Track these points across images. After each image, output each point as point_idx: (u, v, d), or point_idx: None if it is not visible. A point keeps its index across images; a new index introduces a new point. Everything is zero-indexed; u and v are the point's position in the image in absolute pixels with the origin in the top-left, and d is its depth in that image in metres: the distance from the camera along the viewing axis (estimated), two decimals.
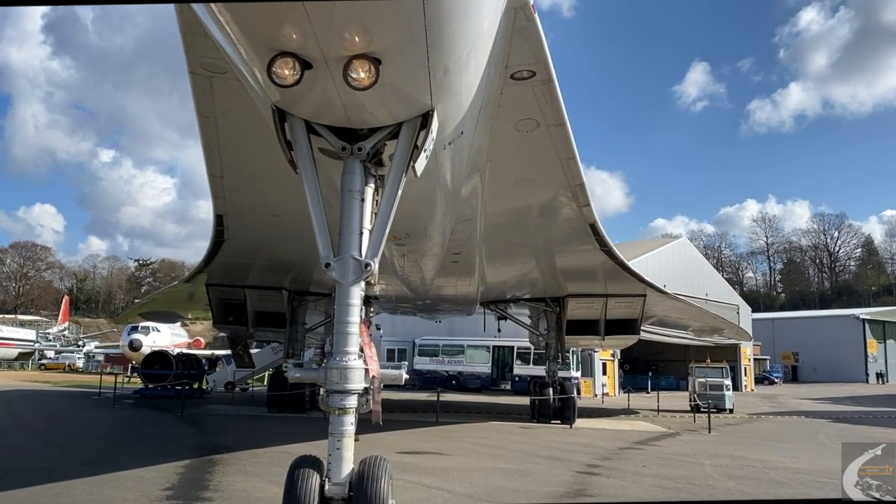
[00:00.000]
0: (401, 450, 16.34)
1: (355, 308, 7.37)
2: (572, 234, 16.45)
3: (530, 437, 20.77)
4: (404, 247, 14.36)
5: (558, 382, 26.42)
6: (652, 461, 16.29)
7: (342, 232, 7.41)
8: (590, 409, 32.17)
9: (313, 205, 7.47)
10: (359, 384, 7.27)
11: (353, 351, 7.30)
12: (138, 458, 14.12)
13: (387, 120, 7.17)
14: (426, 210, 11.55)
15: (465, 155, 9.97)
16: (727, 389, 34.87)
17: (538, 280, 23.93)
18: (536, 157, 11.72)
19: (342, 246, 7.39)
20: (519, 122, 10.21)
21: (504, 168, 11.95)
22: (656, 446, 19.90)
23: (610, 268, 20.55)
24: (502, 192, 13.28)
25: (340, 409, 7.25)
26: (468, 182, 11.54)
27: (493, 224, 15.44)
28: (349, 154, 7.33)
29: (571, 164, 11.80)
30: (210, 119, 10.42)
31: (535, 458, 16.12)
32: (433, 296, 24.77)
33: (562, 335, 26.53)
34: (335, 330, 7.40)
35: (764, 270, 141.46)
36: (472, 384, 47.79)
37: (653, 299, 25.91)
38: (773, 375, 77.15)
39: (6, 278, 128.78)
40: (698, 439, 22.23)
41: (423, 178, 10.01)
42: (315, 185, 7.46)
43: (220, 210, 15.43)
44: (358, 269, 7.28)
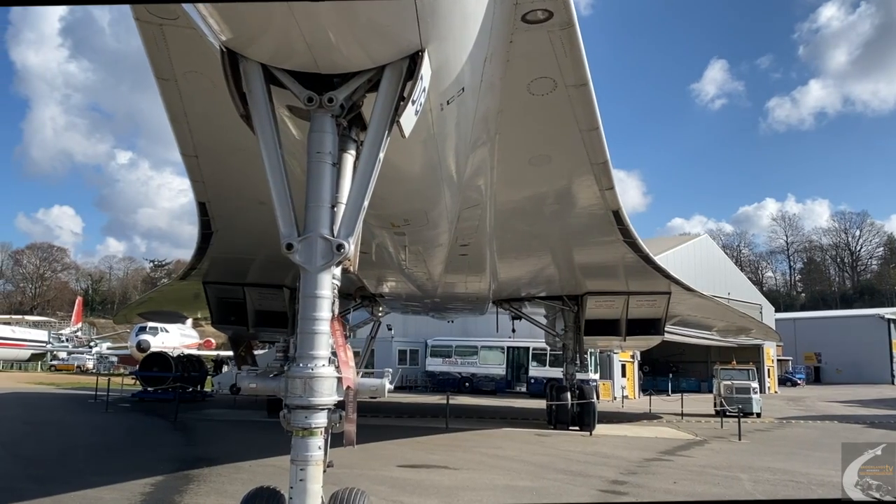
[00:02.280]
0: (403, 462, 14.80)
1: (324, 301, 5.86)
2: (592, 222, 14.73)
3: (547, 447, 19.13)
4: (404, 237, 12.76)
5: (577, 386, 24.79)
6: (683, 476, 14.63)
7: (308, 205, 5.91)
8: (610, 413, 30.50)
9: (272, 170, 5.98)
10: (328, 397, 5.79)
11: (321, 355, 5.81)
12: (105, 473, 12.61)
13: (364, 62, 5.68)
14: (425, 190, 9.96)
15: (469, 121, 8.39)
16: (754, 392, 33.27)
17: (554, 276, 22.26)
18: (553, 127, 10.04)
19: (308, 222, 5.90)
20: (533, 82, 8.56)
21: (515, 142, 10.28)
22: (685, 457, 18.23)
23: (633, 262, 18.86)
24: (513, 173, 11.61)
25: (305, 430, 5.76)
26: (473, 158, 9.93)
27: (504, 211, 13.78)
28: (317, 107, 5.83)
29: (594, 138, 10.12)
30: (171, 83, 8.88)
31: (552, 473, 14.45)
32: (442, 294, 23.16)
33: (580, 336, 24.93)
34: (299, 328, 5.89)
35: (784, 270, 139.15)
36: (486, 386, 46.35)
37: (677, 298, 24.26)
38: (796, 377, 75.41)
39: (23, 279, 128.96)
40: (729, 448, 20.58)
41: (418, 147, 8.45)
42: (274, 145, 5.97)
43: (202, 197, 13.89)
44: (328, 251, 5.79)
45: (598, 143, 10.27)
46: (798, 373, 78.02)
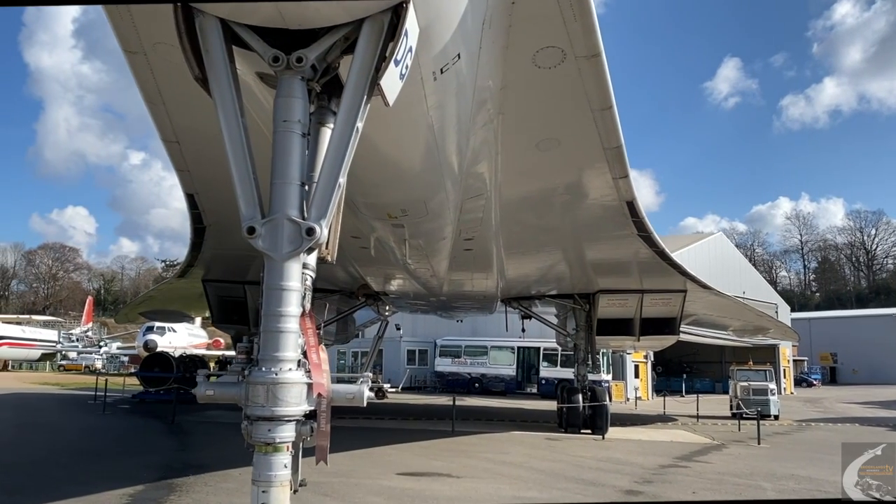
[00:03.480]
0: (404, 469, 13.93)
1: (292, 294, 5.07)
2: (605, 214, 13.79)
3: (557, 452, 18.22)
4: (403, 229, 11.91)
5: (588, 387, 23.85)
6: (702, 485, 13.69)
7: (274, 181, 5.11)
8: (622, 415, 29.53)
9: (231, 140, 5.19)
10: (296, 407, 5.00)
11: (287, 357, 5.01)
12: (82, 482, 11.81)
13: (338, 16, 4.91)
14: (423, 177, 9.12)
15: (468, 96, 7.54)
16: (772, 394, 32.24)
17: (565, 273, 21.35)
18: (562, 106, 9.14)
19: (274, 202, 5.09)
20: (538, 52, 7.67)
21: (521, 123, 9.40)
22: (703, 462, 17.29)
23: (647, 258, 17.94)
24: (519, 158, 10.71)
25: (268, 445, 4.94)
26: (475, 141, 9.07)
27: (510, 202, 12.88)
28: (284, 68, 5.01)
29: (607, 118, 9.21)
30: (139, 56, 8.04)
31: (562, 482, 13.54)
32: (449, 292, 22.31)
33: (592, 336, 24.02)
34: (262, 326, 5.08)
35: (798, 269, 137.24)
36: (495, 387, 45.46)
37: (693, 296, 23.33)
38: (812, 377, 74.27)
39: (36, 279, 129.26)
40: (748, 453, 19.63)
41: (411, 124, 7.59)
42: (235, 112, 5.19)
43: (189, 188, 13.06)
44: (296, 235, 4.99)
45: (611, 124, 9.36)
46: (814, 373, 77.00)
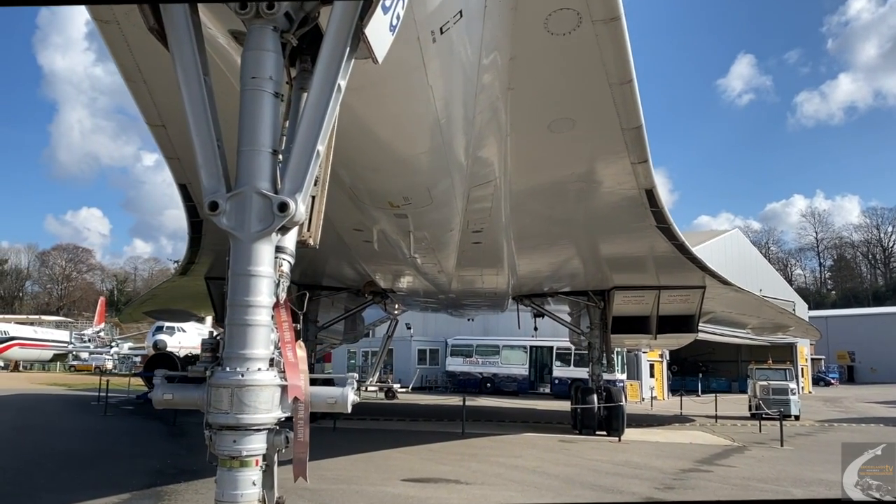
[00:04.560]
0: (409, 475, 13.18)
1: (262, 281, 4.31)
2: (622, 204, 12.92)
3: (572, 456, 17.40)
4: (407, 220, 11.14)
5: (603, 387, 23.02)
6: (726, 491, 12.88)
7: (241, 149, 4.35)
8: (638, 416, 28.68)
9: (191, 101, 4.44)
10: (266, 413, 4.23)
11: (256, 355, 4.26)
12: (66, 489, 11.10)
13: None
14: (424, 158, 8.36)
15: (472, 63, 6.76)
16: (793, 393, 31.35)
17: (578, 268, 20.49)
18: (577, 79, 8.32)
19: (241, 173, 4.34)
20: (551, 15, 6.88)
21: (532, 99, 8.58)
22: (725, 466, 16.46)
23: (666, 253, 17.04)
24: (530, 141, 9.90)
25: (233, 459, 4.19)
26: (481, 118, 8.29)
27: (520, 191, 12.04)
28: (253, 15, 4.25)
29: (626, 94, 8.39)
30: (112, 25, 7.31)
31: (578, 489, 12.70)
32: (458, 289, 21.52)
33: (607, 334, 23.18)
34: (228, 319, 4.31)
35: (813, 267, 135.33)
36: (508, 387, 44.64)
37: (712, 292, 22.43)
38: (829, 376, 73.12)
39: (49, 280, 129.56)
40: (772, 456, 18.79)
41: (409, 94, 6.85)
42: (195, 68, 4.45)
43: (181, 178, 12.29)
44: (266, 211, 4.23)
45: (631, 100, 8.54)
46: (831, 372, 75.86)
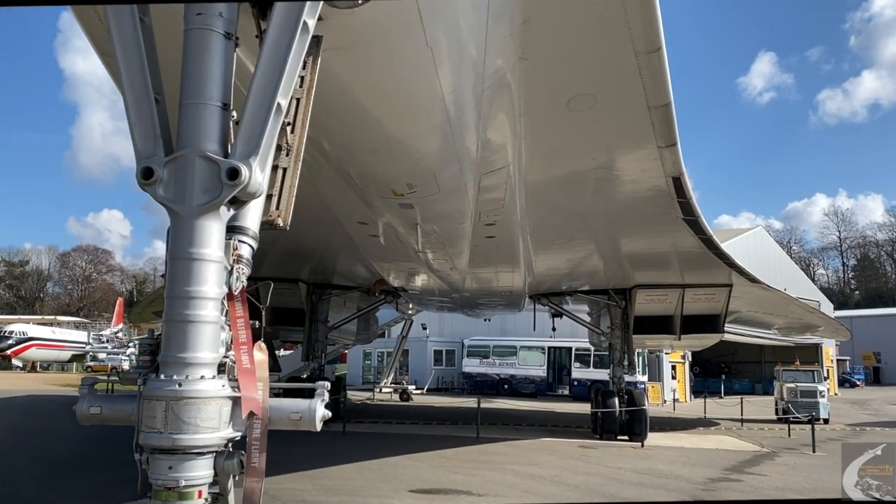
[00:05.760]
0: (419, 485, 12.32)
1: (209, 267, 3.46)
2: (646, 193, 11.90)
3: (592, 463, 16.45)
4: (413, 210, 10.29)
5: (625, 390, 22.05)
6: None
7: (183, 102, 3.49)
8: (661, 419, 27.66)
9: (123, 48, 3.58)
10: (212, 432, 3.36)
11: (199, 359, 3.41)
12: (47, 500, 10.38)
13: None
14: (426, 137, 7.51)
15: (479, 22, 5.89)
16: (821, 396, 30.20)
17: (598, 266, 19.53)
18: (599, 49, 7.36)
19: (182, 132, 3.47)
20: None
21: (547, 72, 7.65)
22: (756, 475, 15.46)
23: (692, 248, 16.05)
24: (547, 121, 8.97)
25: (170, 490, 3.35)
26: (491, 93, 7.41)
27: (535, 179, 11.11)
28: None
29: (654, 64, 7.44)
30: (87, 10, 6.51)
31: (600, 500, 11.84)
32: (472, 288, 20.63)
33: (628, 334, 22.22)
34: (165, 314, 3.47)
35: (836, 267, 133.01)
36: (525, 388, 43.72)
37: (738, 290, 21.42)
38: (854, 377, 71.66)
39: (70, 281, 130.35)
40: (805, 463, 17.75)
41: (405, 58, 6.00)
42: (130, 9, 3.59)
43: None
44: (213, 179, 3.38)
45: (659, 73, 7.58)
46: (857, 373, 74.37)
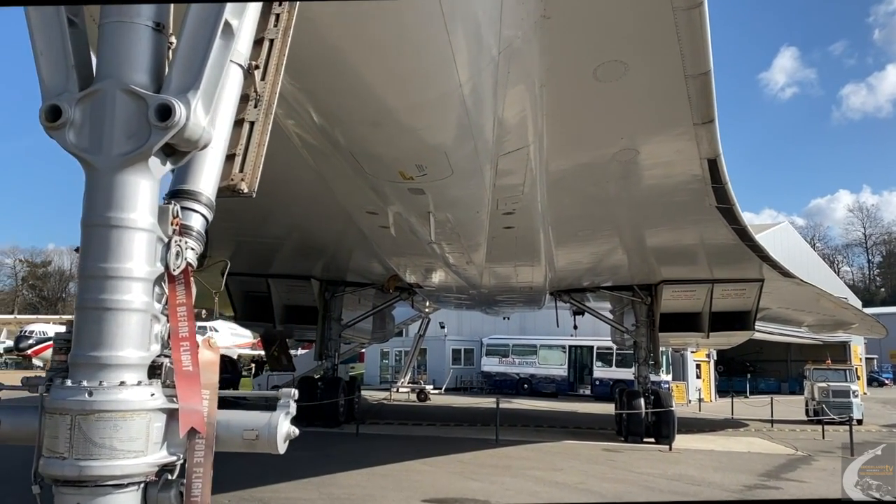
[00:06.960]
0: (432, 494, 11.50)
1: (134, 237, 2.57)
2: (678, 178, 10.91)
3: (619, 468, 15.54)
4: (424, 196, 9.42)
5: (651, 391, 21.09)
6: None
7: (103, 22, 2.60)
8: (688, 419, 26.64)
9: None
10: (135, 457, 2.48)
11: (121, 360, 2.51)
12: None
13: None
14: (436, 109, 6.65)
15: None
16: (855, 396, 29.07)
17: (623, 260, 18.56)
18: (630, 4, 6.53)
19: (101, 61, 2.56)
20: None
21: (572, 35, 6.79)
22: (794, 482, 14.51)
23: (723, 239, 15.06)
24: (571, 95, 8.06)
25: None
26: (508, 62, 6.55)
27: (557, 163, 10.23)
28: None
29: (694, 24, 6.51)
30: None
31: None
32: (490, 284, 19.74)
33: (654, 332, 21.31)
34: (77, 301, 2.62)
35: (861, 264, 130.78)
36: (546, 388, 42.78)
37: (770, 286, 20.43)
38: (883, 376, 70.13)
39: None
40: None
41: (413, 13, 5.17)
42: None
43: None
44: (139, 120, 2.46)
45: (700, 35, 6.66)
46: (885, 372, 72.75)
